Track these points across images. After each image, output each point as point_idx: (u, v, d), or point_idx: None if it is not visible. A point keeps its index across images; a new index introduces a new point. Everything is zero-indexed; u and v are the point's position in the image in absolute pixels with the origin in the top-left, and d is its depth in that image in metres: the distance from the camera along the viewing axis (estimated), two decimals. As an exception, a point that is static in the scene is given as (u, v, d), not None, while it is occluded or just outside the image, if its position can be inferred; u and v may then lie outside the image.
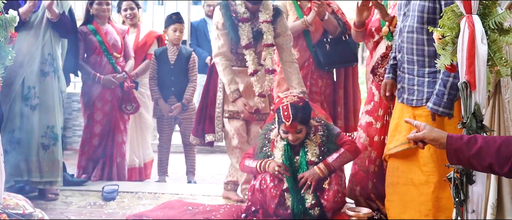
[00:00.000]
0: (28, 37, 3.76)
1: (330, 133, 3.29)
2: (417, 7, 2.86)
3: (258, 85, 3.66)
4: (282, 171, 3.17)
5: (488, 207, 2.70)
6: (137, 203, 3.87)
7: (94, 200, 3.92)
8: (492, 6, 2.14)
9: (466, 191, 2.13)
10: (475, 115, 2.11)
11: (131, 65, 4.68)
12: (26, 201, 2.86)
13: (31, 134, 3.79)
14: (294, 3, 3.92)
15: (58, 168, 3.92)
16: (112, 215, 3.59)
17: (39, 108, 3.81)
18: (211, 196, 4.04)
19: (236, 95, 3.64)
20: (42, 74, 3.83)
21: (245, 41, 3.63)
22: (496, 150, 1.90)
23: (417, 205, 2.95)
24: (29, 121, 3.79)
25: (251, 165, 3.32)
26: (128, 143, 4.71)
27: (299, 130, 3.18)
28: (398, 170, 3.04)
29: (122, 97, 4.55)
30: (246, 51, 3.65)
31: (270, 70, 3.70)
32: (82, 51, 4.50)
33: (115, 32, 4.59)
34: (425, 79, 2.88)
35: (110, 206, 3.80)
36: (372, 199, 3.51)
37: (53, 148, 3.87)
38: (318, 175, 3.14)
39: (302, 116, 3.17)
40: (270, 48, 3.69)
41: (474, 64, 2.08)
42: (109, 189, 4.02)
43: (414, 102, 2.92)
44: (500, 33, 2.15)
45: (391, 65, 3.18)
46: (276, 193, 3.15)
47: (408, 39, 2.91)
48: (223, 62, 3.67)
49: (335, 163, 3.19)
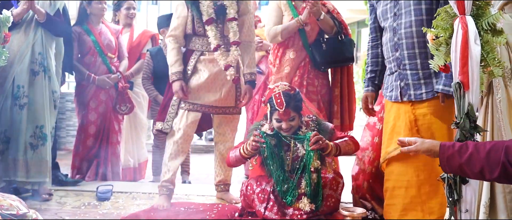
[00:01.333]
0: (17, 36, 3.74)
1: (321, 127, 3.27)
2: (412, 2, 2.88)
3: (222, 58, 3.63)
4: (256, 139, 3.13)
5: (481, 206, 2.71)
6: (131, 204, 3.87)
7: (88, 201, 3.91)
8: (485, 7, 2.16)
9: (459, 190, 2.15)
10: (468, 115, 2.12)
11: (125, 65, 4.68)
12: (20, 201, 2.85)
13: (18, 133, 3.76)
14: (288, 3, 3.93)
15: (47, 168, 3.88)
16: (106, 215, 3.58)
17: (27, 108, 3.78)
18: (206, 196, 4.04)
19: (175, 78, 3.64)
20: (32, 73, 3.80)
21: (205, 17, 3.61)
22: (485, 155, 1.93)
23: (418, 205, 2.95)
24: (17, 120, 3.76)
25: (235, 154, 3.29)
26: (122, 143, 4.71)
27: (292, 117, 3.17)
28: (394, 174, 3.05)
29: (116, 98, 4.55)
30: (207, 27, 3.62)
31: (234, 42, 3.67)
32: (75, 51, 4.48)
33: (109, 32, 4.58)
34: (431, 70, 2.87)
35: (105, 206, 3.79)
36: (367, 199, 3.52)
37: (41, 148, 3.83)
38: (327, 145, 3.11)
39: (295, 103, 3.18)
40: (233, 22, 3.67)
41: (467, 65, 2.09)
42: (104, 189, 4.01)
43: (424, 95, 2.92)
44: (493, 34, 2.16)
45: (369, 78, 3.28)
46: (264, 197, 3.12)
47: (406, 34, 2.93)
48: (173, 43, 3.69)
49: (341, 144, 3.18)
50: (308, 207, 3.05)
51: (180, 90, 3.63)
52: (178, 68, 3.66)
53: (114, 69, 4.56)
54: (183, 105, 3.70)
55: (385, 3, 3.06)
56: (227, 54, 3.65)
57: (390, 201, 3.09)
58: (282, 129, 3.20)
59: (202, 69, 3.70)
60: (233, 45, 3.67)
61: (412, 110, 2.95)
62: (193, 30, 3.70)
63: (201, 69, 3.70)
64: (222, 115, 3.82)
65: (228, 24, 3.67)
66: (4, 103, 3.75)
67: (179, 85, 3.63)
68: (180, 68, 3.67)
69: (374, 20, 3.25)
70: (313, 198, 3.10)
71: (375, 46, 3.28)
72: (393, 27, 3.00)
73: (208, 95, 3.70)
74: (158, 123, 3.78)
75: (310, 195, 3.09)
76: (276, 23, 3.94)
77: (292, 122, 3.19)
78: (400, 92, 3.00)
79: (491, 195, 2.70)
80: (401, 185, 3.01)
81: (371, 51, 3.31)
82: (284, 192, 3.13)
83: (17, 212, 2.70)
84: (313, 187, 3.10)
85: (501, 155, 1.91)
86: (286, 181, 3.15)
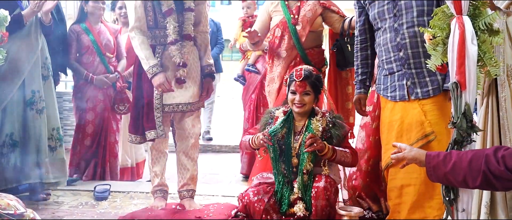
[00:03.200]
0: (26, 41, 3.72)
1: (337, 124, 3.18)
2: (414, 2, 2.90)
3: (178, 55, 3.46)
4: (265, 140, 3.05)
5: (482, 206, 2.73)
6: (129, 203, 3.87)
7: (86, 200, 3.92)
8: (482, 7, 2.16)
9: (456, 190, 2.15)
10: (465, 115, 2.13)
11: (123, 65, 4.68)
12: (18, 201, 2.84)
13: (40, 137, 3.80)
14: (281, 3, 3.92)
15: (65, 168, 4.00)
16: (104, 215, 3.58)
17: (46, 112, 3.83)
18: (203, 195, 4.04)
19: (156, 70, 3.39)
20: (43, 78, 3.84)
21: (165, 8, 3.46)
22: (467, 164, 1.95)
23: (427, 201, 2.96)
24: (37, 125, 3.79)
25: (245, 140, 3.24)
26: (120, 143, 4.71)
27: (307, 91, 3.13)
28: (401, 172, 3.03)
29: (114, 97, 4.55)
30: (167, 18, 3.45)
31: (188, 36, 3.53)
32: (74, 51, 4.49)
33: (108, 32, 4.58)
34: None
35: (102, 205, 3.79)
36: (362, 198, 3.53)
37: (59, 149, 3.93)
38: (323, 146, 3.04)
39: (313, 79, 3.15)
40: (190, 13, 3.53)
41: (464, 65, 2.10)
42: (101, 188, 4.02)
43: (431, 92, 2.93)
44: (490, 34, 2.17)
45: (360, 80, 3.28)
46: (259, 207, 3.04)
47: (410, 34, 2.94)
48: (139, 36, 3.45)
49: (339, 152, 3.09)
50: (302, 212, 3.00)
51: (166, 82, 3.40)
52: (155, 61, 3.42)
53: (112, 68, 4.56)
54: (165, 107, 3.50)
55: (381, 4, 3.05)
56: (183, 50, 3.50)
57: (399, 200, 3.06)
58: (294, 103, 3.14)
59: (169, 66, 3.52)
60: (188, 40, 3.53)
61: (421, 107, 2.96)
62: (154, 22, 3.51)
63: (169, 66, 3.52)
64: (188, 111, 3.61)
65: (185, 14, 3.51)
66: (13, 108, 3.72)
67: (163, 77, 3.39)
68: (156, 60, 3.44)
69: (364, 22, 3.24)
70: (308, 203, 3.03)
71: (365, 48, 3.28)
72: (394, 27, 3.00)
73: (182, 93, 3.54)
74: (151, 132, 3.50)
75: (304, 199, 3.04)
76: (259, 29, 3.87)
77: (306, 97, 3.13)
78: (407, 91, 3.02)
79: (491, 196, 2.71)
80: (410, 183, 3.00)
81: (360, 53, 3.30)
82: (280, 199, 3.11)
83: (14, 212, 2.69)
84: (305, 190, 3.04)
85: (481, 163, 1.93)
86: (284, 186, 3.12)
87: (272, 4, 3.95)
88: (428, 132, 2.89)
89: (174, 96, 3.52)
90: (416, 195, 2.98)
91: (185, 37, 3.51)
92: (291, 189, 3.10)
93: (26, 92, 3.75)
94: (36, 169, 3.81)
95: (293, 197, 3.07)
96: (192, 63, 3.57)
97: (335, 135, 3.15)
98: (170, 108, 3.53)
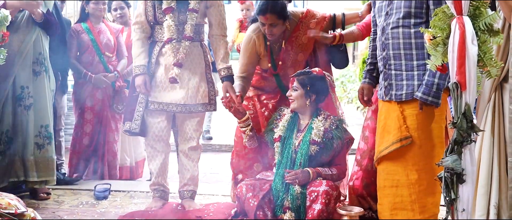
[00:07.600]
0: (16, 36, 3.72)
1: (339, 130, 3.23)
2: (403, 3, 2.89)
3: (171, 54, 3.44)
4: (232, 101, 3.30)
5: (491, 207, 2.75)
6: (129, 202, 3.87)
7: (86, 199, 3.92)
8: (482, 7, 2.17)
9: (456, 190, 2.16)
10: (465, 115, 2.13)
11: (123, 64, 4.68)
12: (18, 200, 2.85)
13: (26, 134, 3.78)
14: None
15: (53, 167, 3.92)
16: (104, 214, 3.59)
17: (33, 108, 3.79)
18: (203, 194, 4.05)
19: (138, 72, 3.44)
20: (34, 73, 3.81)
21: (165, 5, 3.43)
22: None
23: (409, 205, 2.97)
24: (24, 121, 3.77)
25: None
26: (119, 142, 4.71)
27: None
28: (384, 173, 3.06)
29: (113, 97, 4.55)
30: (166, 16, 3.43)
31: (187, 36, 3.47)
32: (74, 50, 4.50)
33: (108, 32, 4.59)
34: (414, 73, 2.89)
35: (102, 205, 3.80)
36: (363, 197, 3.54)
37: (47, 147, 3.86)
38: (308, 177, 3.10)
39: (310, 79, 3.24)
40: (193, 14, 3.47)
41: (464, 65, 2.10)
42: (101, 188, 4.02)
43: (403, 96, 2.92)
44: (490, 34, 2.17)
45: (367, 70, 3.28)
46: (253, 203, 3.03)
47: (393, 34, 2.94)
48: (138, 33, 3.52)
49: (325, 175, 3.17)
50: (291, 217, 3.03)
51: (143, 85, 3.44)
52: (142, 62, 3.46)
53: (112, 68, 4.57)
54: (150, 104, 3.52)
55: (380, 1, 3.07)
56: (179, 50, 3.46)
57: (380, 200, 3.11)
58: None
59: (163, 63, 3.51)
60: (186, 40, 3.47)
61: (400, 109, 2.96)
62: (154, 19, 3.51)
63: (162, 64, 3.51)
64: (187, 113, 3.57)
65: (188, 14, 3.47)
66: (5, 105, 3.73)
67: (142, 80, 3.44)
68: (144, 61, 3.47)
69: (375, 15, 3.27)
70: (296, 212, 3.06)
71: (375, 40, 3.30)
72: (383, 26, 3.01)
73: (173, 92, 3.51)
74: (126, 123, 3.57)
75: (293, 209, 3.05)
76: (246, 65, 3.56)
77: (294, 92, 3.23)
78: (384, 92, 3.03)
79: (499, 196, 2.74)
80: (392, 184, 3.02)
81: (372, 44, 3.31)
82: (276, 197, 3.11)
83: (15, 211, 2.70)
84: (297, 202, 3.06)
85: None
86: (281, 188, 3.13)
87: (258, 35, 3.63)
88: (403, 137, 2.90)
89: (163, 96, 3.51)
90: (398, 197, 2.99)
91: (185, 37, 3.49)
92: (287, 190, 3.11)
93: (16, 88, 3.75)
94: (21, 167, 3.78)
95: (286, 202, 3.08)
96: (190, 64, 3.54)
97: (336, 136, 3.20)
98: (156, 106, 3.52)
